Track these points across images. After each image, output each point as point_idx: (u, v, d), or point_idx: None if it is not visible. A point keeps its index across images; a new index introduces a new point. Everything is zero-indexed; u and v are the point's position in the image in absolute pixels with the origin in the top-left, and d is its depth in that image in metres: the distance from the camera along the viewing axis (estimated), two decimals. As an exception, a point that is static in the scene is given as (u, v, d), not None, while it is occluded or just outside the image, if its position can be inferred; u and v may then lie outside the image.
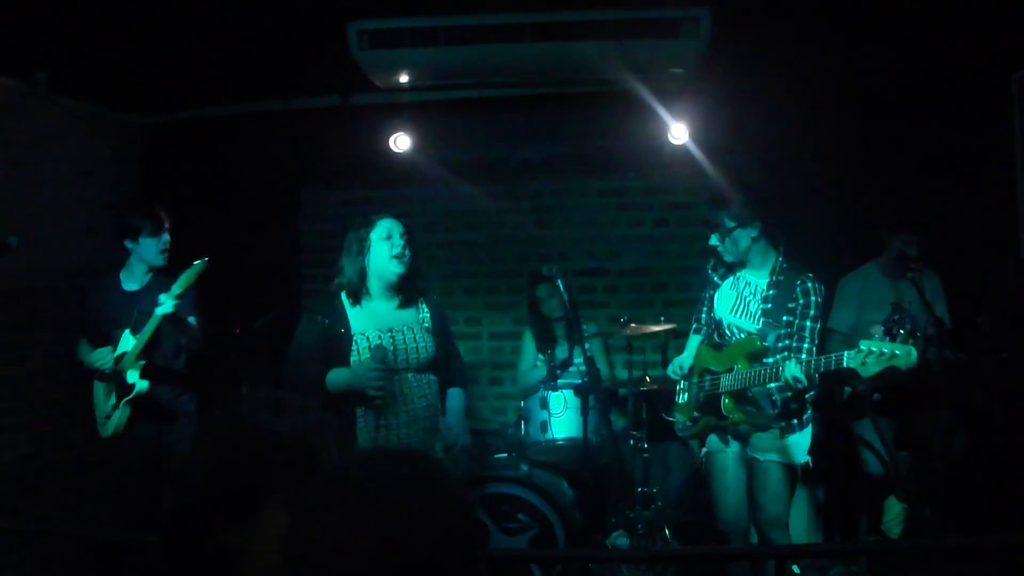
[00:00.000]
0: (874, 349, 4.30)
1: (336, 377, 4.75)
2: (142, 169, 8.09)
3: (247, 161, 7.81)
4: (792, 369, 4.54)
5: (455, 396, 5.18)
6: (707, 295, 5.39)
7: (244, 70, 6.90)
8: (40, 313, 6.43)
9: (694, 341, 5.44)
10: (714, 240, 5.03)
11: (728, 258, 5.06)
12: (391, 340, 4.84)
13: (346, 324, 4.86)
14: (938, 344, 5.62)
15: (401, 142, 7.40)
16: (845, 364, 4.39)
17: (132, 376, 5.60)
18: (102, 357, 5.66)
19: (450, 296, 8.29)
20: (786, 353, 4.76)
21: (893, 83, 6.64)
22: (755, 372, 4.79)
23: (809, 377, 4.55)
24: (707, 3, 5.85)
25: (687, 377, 5.33)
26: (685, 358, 5.40)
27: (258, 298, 7.01)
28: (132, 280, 5.88)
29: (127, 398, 5.59)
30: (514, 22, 6.07)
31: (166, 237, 5.88)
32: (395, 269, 4.85)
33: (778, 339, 4.86)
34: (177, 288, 5.45)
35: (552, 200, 8.33)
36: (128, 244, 5.80)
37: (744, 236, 4.97)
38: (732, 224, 4.95)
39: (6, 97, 6.44)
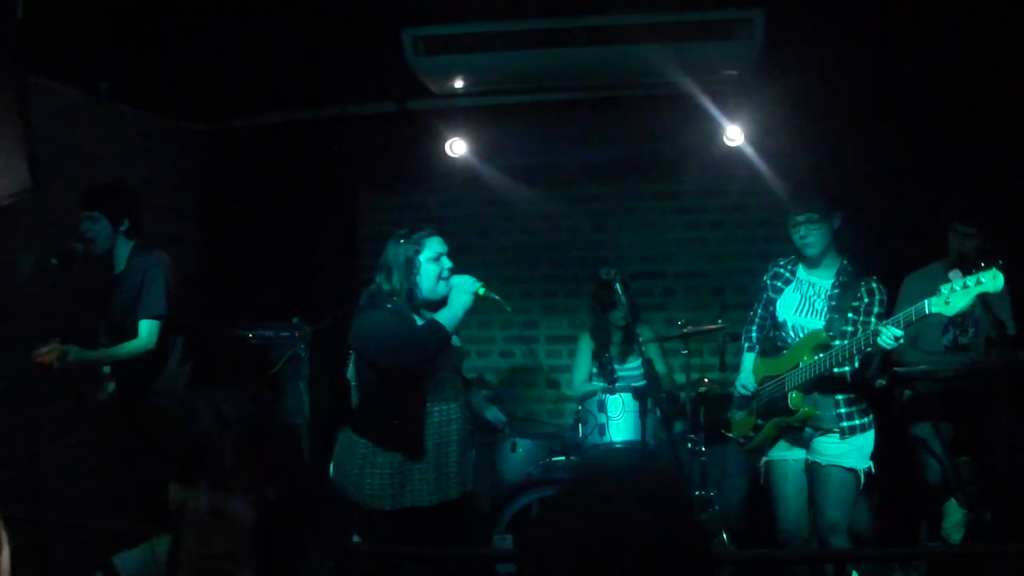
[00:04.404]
0: (956, 287, 4.25)
1: (446, 316, 4.82)
2: (202, 176, 8.20)
3: (305, 167, 7.89)
4: (889, 331, 4.45)
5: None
6: (759, 308, 5.39)
7: (301, 77, 6.96)
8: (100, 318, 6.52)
9: (748, 358, 5.41)
10: (803, 231, 5.00)
11: (813, 251, 5.03)
12: None
13: (409, 316, 4.90)
14: (999, 347, 5.56)
15: (457, 147, 7.45)
16: (928, 311, 4.33)
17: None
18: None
19: (507, 300, 8.29)
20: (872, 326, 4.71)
21: (954, 81, 6.57)
22: (825, 357, 4.77)
23: (896, 339, 4.46)
24: (761, 5, 5.82)
25: (752, 397, 5.31)
26: (746, 377, 5.36)
27: (317, 302, 7.07)
28: (118, 266, 5.78)
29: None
30: (568, 26, 6.08)
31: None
32: (442, 291, 4.91)
33: (843, 335, 4.84)
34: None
35: (608, 204, 8.32)
36: (123, 226, 5.73)
37: (830, 226, 4.99)
38: (824, 211, 4.96)
39: (69, 106, 6.55)
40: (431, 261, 4.89)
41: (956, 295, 4.25)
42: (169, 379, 5.72)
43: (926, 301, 4.35)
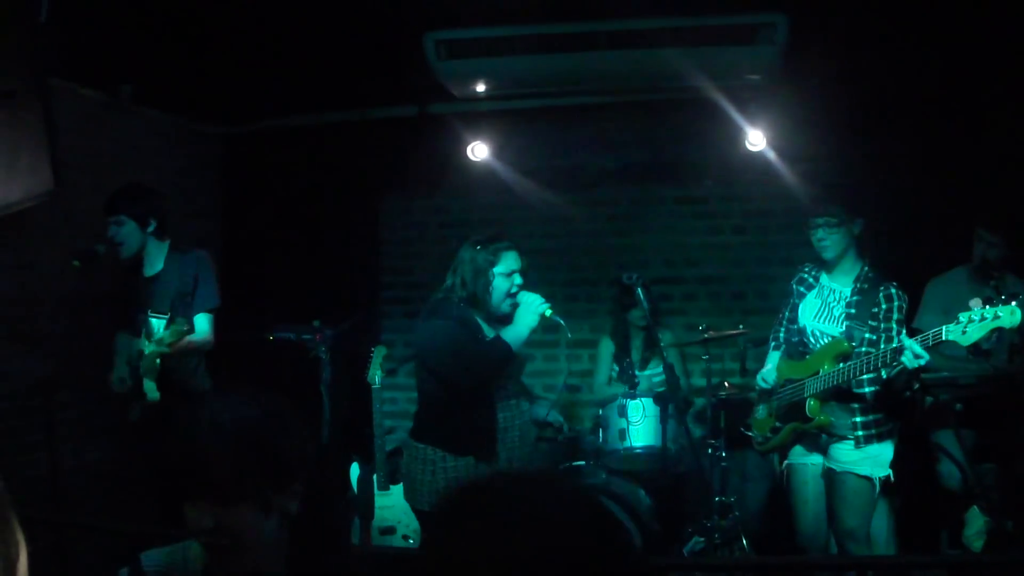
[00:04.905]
0: (975, 317, 4.26)
1: (511, 334, 4.82)
2: (223, 179, 8.22)
3: (326, 170, 7.90)
4: (912, 347, 4.40)
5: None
6: (786, 311, 5.39)
7: (323, 81, 6.98)
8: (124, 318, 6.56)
9: (774, 356, 5.43)
10: (821, 234, 5.00)
11: (830, 254, 5.04)
12: None
13: (476, 324, 4.89)
14: (1022, 353, 5.53)
15: (478, 151, 7.44)
16: (945, 338, 4.33)
17: (147, 385, 5.67)
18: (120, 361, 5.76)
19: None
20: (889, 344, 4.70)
21: (976, 85, 6.53)
22: (845, 368, 4.76)
23: (916, 356, 4.41)
24: (783, 9, 5.81)
25: (771, 392, 5.31)
26: (769, 371, 5.37)
27: (337, 305, 7.08)
28: (150, 266, 5.79)
29: (142, 402, 5.68)
30: (590, 30, 6.08)
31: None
32: (506, 309, 4.90)
33: (863, 343, 4.84)
34: (168, 337, 5.40)
35: (629, 208, 8.30)
36: (151, 227, 5.74)
37: (849, 231, 5.00)
38: (843, 217, 4.96)
39: (92, 109, 6.58)
40: (503, 276, 4.88)
41: (973, 326, 4.26)
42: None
43: (944, 328, 4.35)
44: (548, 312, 4.85)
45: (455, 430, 4.86)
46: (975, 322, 4.26)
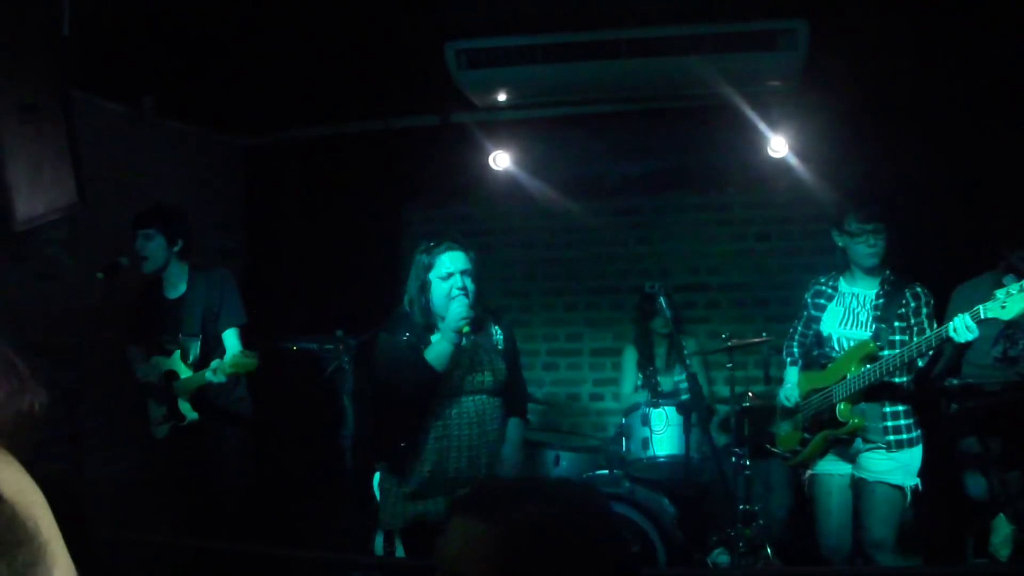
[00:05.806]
0: (1012, 291, 4.22)
1: (433, 352, 4.63)
2: (246, 190, 8.25)
3: (349, 180, 7.93)
4: (962, 319, 4.35)
5: (514, 427, 5.08)
6: (799, 326, 5.37)
7: (345, 91, 6.99)
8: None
9: (792, 372, 5.39)
10: (872, 240, 4.98)
11: (876, 260, 5.02)
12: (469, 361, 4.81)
13: (427, 342, 4.75)
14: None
15: (500, 160, 7.43)
16: (984, 316, 4.28)
17: (183, 407, 5.71)
18: (147, 373, 5.86)
19: (551, 312, 8.29)
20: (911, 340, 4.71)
21: (1000, 89, 6.49)
22: (876, 367, 4.73)
23: (967, 328, 4.35)
24: (804, 15, 5.79)
25: (795, 409, 5.27)
26: (790, 388, 5.33)
27: (361, 315, 7.08)
28: (171, 288, 5.91)
29: (176, 423, 5.71)
30: (611, 39, 6.06)
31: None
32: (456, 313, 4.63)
33: (892, 345, 4.81)
34: (229, 367, 5.44)
35: (652, 216, 8.30)
36: (177, 246, 5.82)
37: (887, 236, 4.99)
38: (888, 220, 4.98)
39: (115, 122, 6.62)
40: (440, 279, 4.68)
41: (1012, 299, 4.22)
42: None
43: (980, 307, 4.30)
44: (466, 328, 4.57)
45: (389, 444, 4.84)
46: (1013, 295, 4.20)
